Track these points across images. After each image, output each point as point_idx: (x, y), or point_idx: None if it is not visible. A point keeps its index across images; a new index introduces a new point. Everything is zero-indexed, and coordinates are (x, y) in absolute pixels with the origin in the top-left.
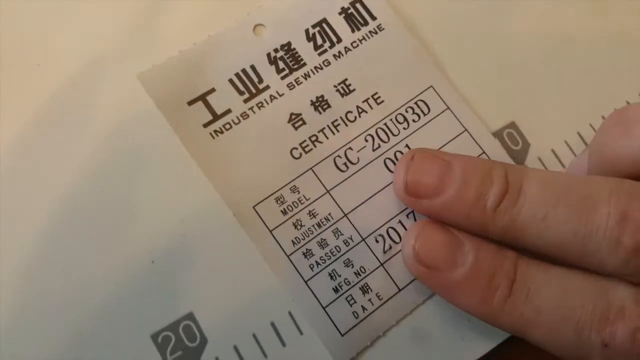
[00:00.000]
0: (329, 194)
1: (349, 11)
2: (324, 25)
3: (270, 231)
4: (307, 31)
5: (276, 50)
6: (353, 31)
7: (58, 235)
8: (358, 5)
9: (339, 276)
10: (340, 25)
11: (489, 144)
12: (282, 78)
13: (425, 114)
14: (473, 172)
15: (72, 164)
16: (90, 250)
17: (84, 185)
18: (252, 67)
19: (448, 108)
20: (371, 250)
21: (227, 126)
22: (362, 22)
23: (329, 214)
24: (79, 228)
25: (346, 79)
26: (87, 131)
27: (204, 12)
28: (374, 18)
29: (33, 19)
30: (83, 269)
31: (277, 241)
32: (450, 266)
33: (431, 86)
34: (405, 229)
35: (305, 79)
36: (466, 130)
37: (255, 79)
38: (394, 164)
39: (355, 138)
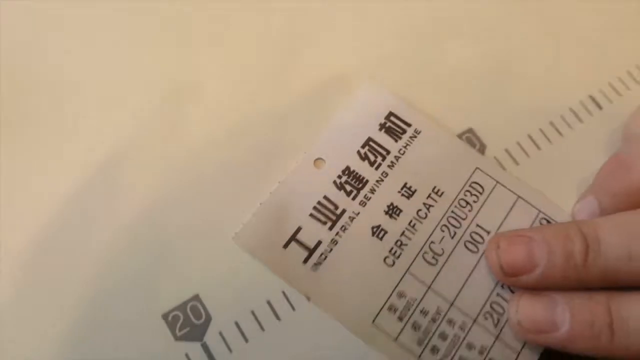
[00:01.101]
0: (431, 289)
1: (387, 125)
2: (371, 143)
3: (395, 340)
4: (359, 152)
5: (339, 177)
6: (396, 141)
7: (76, 226)
8: (392, 118)
9: None
10: (383, 139)
11: (540, 201)
12: (353, 199)
13: (481, 193)
14: (553, 238)
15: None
16: (107, 238)
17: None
18: (325, 197)
19: (497, 182)
20: (485, 327)
21: (323, 257)
22: (400, 131)
23: (438, 307)
24: (96, 217)
25: (406, 183)
26: None
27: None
28: (409, 125)
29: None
30: (102, 256)
31: (405, 347)
32: (553, 328)
33: (477, 167)
34: (504, 299)
35: (372, 193)
36: (519, 197)
37: (332, 207)
38: (473, 244)
39: (433, 232)
